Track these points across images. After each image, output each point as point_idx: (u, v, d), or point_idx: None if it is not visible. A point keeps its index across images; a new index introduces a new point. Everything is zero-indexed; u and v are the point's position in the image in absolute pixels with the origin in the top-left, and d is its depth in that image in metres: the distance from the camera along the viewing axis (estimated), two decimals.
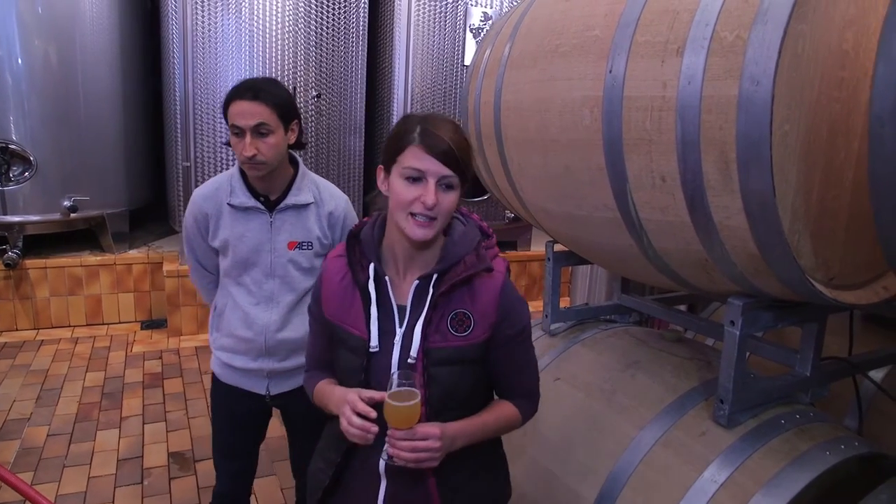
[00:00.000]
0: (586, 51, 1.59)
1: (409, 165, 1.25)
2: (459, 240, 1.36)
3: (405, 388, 1.22)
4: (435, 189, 1.24)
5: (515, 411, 1.43)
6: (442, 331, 1.31)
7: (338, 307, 1.40)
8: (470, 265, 1.32)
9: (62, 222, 4.79)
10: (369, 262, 1.36)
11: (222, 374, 2.07)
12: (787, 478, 1.50)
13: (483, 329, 1.33)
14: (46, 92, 4.54)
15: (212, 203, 1.94)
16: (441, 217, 1.27)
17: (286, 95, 1.87)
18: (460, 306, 1.33)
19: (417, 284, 1.33)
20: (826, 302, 1.46)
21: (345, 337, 1.38)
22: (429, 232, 1.27)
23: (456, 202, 1.29)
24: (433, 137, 1.24)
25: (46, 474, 3.04)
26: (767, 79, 1.22)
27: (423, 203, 1.23)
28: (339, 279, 1.40)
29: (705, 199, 1.40)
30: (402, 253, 1.35)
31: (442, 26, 5.22)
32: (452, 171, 1.25)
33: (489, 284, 1.34)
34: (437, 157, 1.24)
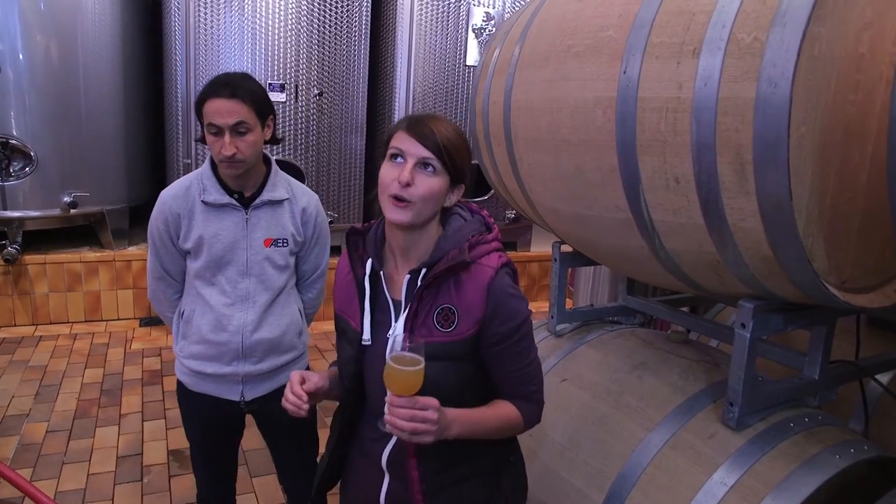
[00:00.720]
0: (600, 51, 1.58)
1: (393, 145, 1.28)
2: (453, 234, 1.34)
3: (409, 354, 1.18)
4: (412, 169, 1.24)
5: (516, 413, 1.38)
6: (428, 325, 1.31)
7: (343, 300, 1.44)
8: (451, 258, 1.30)
9: (62, 218, 4.78)
10: (368, 258, 1.38)
11: (191, 383, 2.00)
12: (797, 481, 1.50)
13: (468, 325, 1.30)
14: (47, 87, 4.52)
15: (183, 202, 1.88)
16: (419, 201, 1.25)
17: (262, 91, 1.84)
18: (446, 301, 1.31)
19: (409, 279, 1.33)
20: (839, 305, 1.46)
21: (345, 328, 1.42)
22: (405, 214, 1.25)
23: (437, 190, 1.27)
24: (418, 124, 1.27)
25: (46, 471, 3.03)
26: (785, 81, 1.22)
27: (398, 180, 1.24)
28: (345, 273, 1.44)
29: (720, 201, 1.39)
30: (396, 247, 1.36)
31: (444, 26, 5.21)
32: (433, 155, 1.25)
33: (476, 278, 1.31)
34: (418, 139, 1.25)
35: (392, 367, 1.18)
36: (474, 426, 1.31)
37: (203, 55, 4.65)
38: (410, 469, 1.35)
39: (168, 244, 1.91)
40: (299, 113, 4.92)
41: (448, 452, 1.32)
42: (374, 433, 1.38)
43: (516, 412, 1.38)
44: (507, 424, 1.38)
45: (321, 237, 2.06)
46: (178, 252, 1.93)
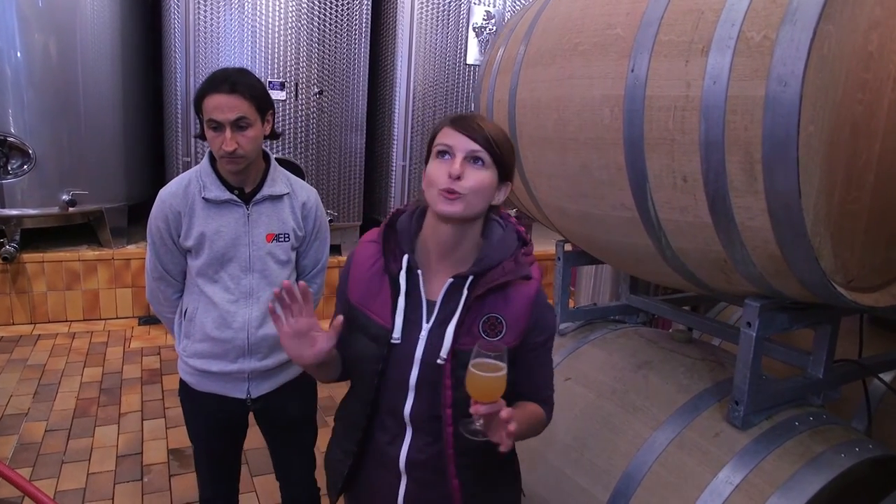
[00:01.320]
0: (607, 49, 1.58)
1: (440, 142, 1.27)
2: (498, 244, 1.33)
3: (491, 360, 1.16)
4: (462, 162, 1.23)
5: (543, 414, 1.41)
6: (473, 333, 1.29)
7: (364, 293, 1.37)
8: (508, 271, 1.30)
9: (60, 216, 4.75)
10: (404, 253, 1.34)
11: (196, 383, 1.98)
12: (802, 480, 1.50)
13: (514, 335, 1.31)
14: (46, 85, 4.49)
15: (183, 200, 1.86)
16: (470, 193, 1.23)
17: (261, 86, 1.83)
18: (493, 310, 1.31)
19: (451, 283, 1.31)
20: (845, 304, 1.46)
21: (366, 323, 1.35)
22: (455, 207, 1.23)
23: (486, 184, 1.25)
24: (464, 119, 1.27)
25: (45, 470, 3.01)
26: (796, 80, 1.22)
27: (449, 174, 1.22)
28: (369, 265, 1.38)
29: (728, 199, 1.39)
30: (435, 248, 1.33)
31: (445, 24, 5.21)
32: (482, 147, 1.24)
33: (524, 291, 1.32)
34: (465, 133, 1.24)
35: (475, 375, 1.16)
36: (523, 426, 1.30)
37: (203, 53, 4.63)
38: (451, 477, 1.33)
39: (168, 243, 1.90)
40: (299, 111, 4.91)
41: (483, 458, 1.32)
42: (385, 435, 1.36)
43: (543, 413, 1.41)
44: (537, 425, 1.41)
45: (321, 231, 2.05)
46: (178, 251, 1.91)
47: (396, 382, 1.32)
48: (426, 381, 1.30)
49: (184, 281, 1.99)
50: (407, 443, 1.34)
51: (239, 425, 2.09)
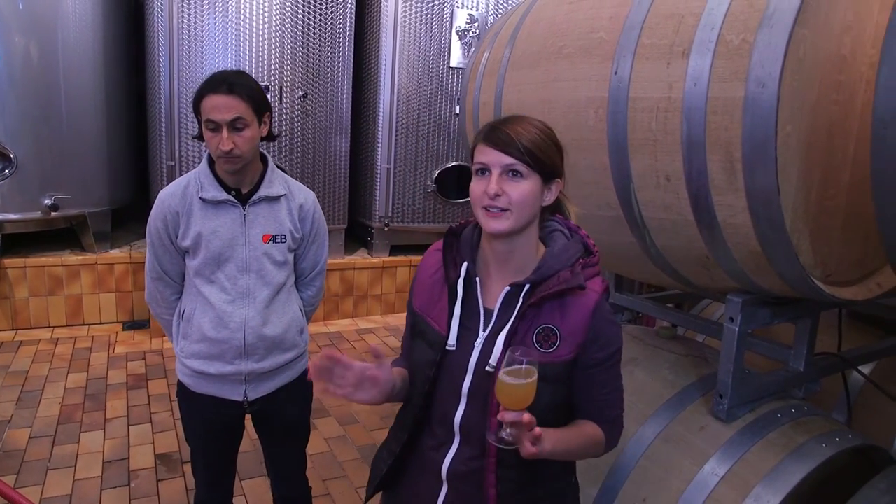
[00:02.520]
0: (591, 53, 1.62)
1: (476, 161, 1.27)
2: (559, 253, 1.31)
3: (522, 367, 1.15)
4: (498, 178, 1.22)
5: (601, 435, 1.34)
6: (526, 343, 1.27)
7: (426, 300, 1.39)
8: (563, 280, 1.27)
9: (42, 221, 4.71)
10: (463, 261, 1.34)
11: (194, 384, 1.99)
12: (785, 469, 1.54)
13: (569, 348, 1.28)
14: (27, 89, 4.45)
15: (181, 200, 1.89)
16: (515, 208, 1.23)
17: (258, 88, 1.85)
18: (549, 321, 1.28)
19: (508, 291, 1.30)
20: (824, 298, 1.51)
21: (425, 329, 1.37)
22: (502, 224, 1.23)
23: (530, 192, 1.24)
24: (496, 131, 1.25)
25: (30, 477, 2.99)
26: (773, 81, 1.26)
27: (486, 193, 1.22)
28: (432, 272, 1.40)
29: (709, 197, 1.43)
30: (492, 256, 1.33)
31: (428, 28, 5.24)
32: (515, 160, 1.22)
33: (582, 303, 1.29)
34: (498, 148, 1.23)
35: (504, 382, 1.15)
36: (565, 445, 1.28)
37: (186, 57, 4.62)
38: (488, 486, 1.31)
39: (167, 243, 1.92)
40: (284, 114, 4.91)
41: (526, 472, 1.30)
42: (432, 441, 1.37)
43: (601, 434, 1.35)
44: (592, 446, 1.35)
45: (319, 234, 2.06)
46: (176, 251, 1.93)
47: (450, 390, 1.32)
48: (479, 391, 1.29)
49: (181, 282, 2.00)
50: (453, 452, 1.34)
51: (235, 427, 2.09)
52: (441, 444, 1.35)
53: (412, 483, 1.43)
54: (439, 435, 1.36)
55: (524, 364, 1.15)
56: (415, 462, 1.41)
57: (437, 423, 1.36)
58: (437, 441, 1.36)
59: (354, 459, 3.26)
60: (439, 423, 1.36)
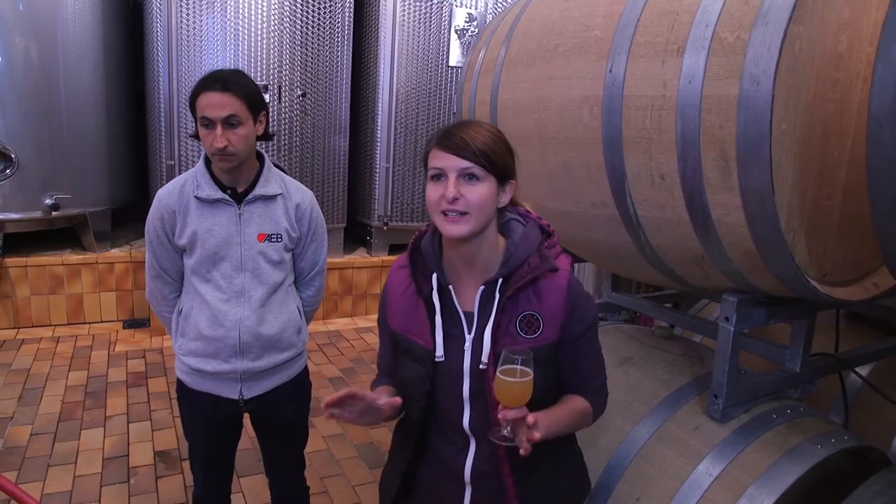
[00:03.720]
0: (586, 50, 1.61)
1: (431, 165, 1.27)
2: (520, 241, 1.34)
3: (518, 366, 1.18)
4: (455, 182, 1.23)
5: (588, 406, 1.40)
6: (511, 333, 1.30)
7: (403, 318, 1.39)
8: (534, 267, 1.30)
9: (43, 220, 4.72)
10: (432, 273, 1.35)
11: (191, 381, 2.00)
12: (780, 470, 1.53)
13: (552, 330, 1.31)
14: (28, 89, 4.46)
15: (177, 199, 1.90)
16: (474, 211, 1.24)
17: (254, 87, 1.85)
18: (527, 308, 1.31)
19: (483, 290, 1.31)
20: (819, 298, 1.50)
21: (410, 347, 1.37)
22: (462, 228, 1.24)
23: (487, 195, 1.25)
24: (450, 136, 1.26)
25: (31, 473, 3.00)
26: (768, 79, 1.26)
27: (444, 198, 1.23)
28: (402, 290, 1.40)
29: (704, 196, 1.43)
30: (458, 260, 1.34)
31: (427, 27, 5.23)
32: (471, 163, 1.23)
33: (555, 284, 1.32)
34: (453, 152, 1.23)
35: (502, 381, 1.17)
36: (557, 424, 1.31)
37: (185, 56, 4.62)
38: (505, 476, 1.34)
39: (164, 241, 1.92)
40: (282, 114, 4.91)
41: (536, 454, 1.28)
42: (451, 448, 1.38)
43: (588, 406, 1.40)
44: (581, 419, 1.40)
45: (317, 233, 2.06)
46: (174, 249, 1.94)
47: (450, 397, 1.34)
48: (480, 391, 1.31)
49: (180, 280, 2.01)
50: (472, 455, 1.36)
51: (232, 425, 2.10)
52: (460, 449, 1.37)
53: (434, 489, 1.44)
54: (456, 441, 1.38)
55: (519, 361, 1.17)
56: (432, 469, 1.43)
57: (451, 430, 1.38)
58: (456, 447, 1.38)
59: (352, 457, 3.27)
60: (452, 430, 1.38)
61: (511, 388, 1.18)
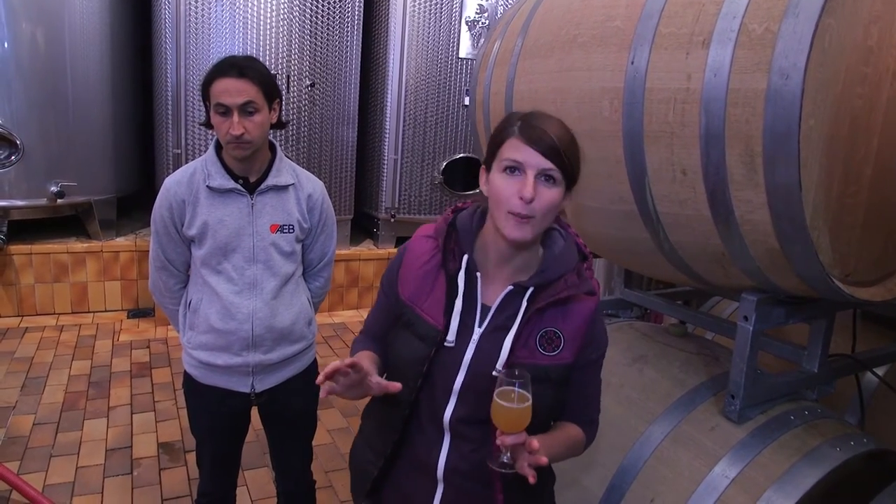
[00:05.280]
0: (607, 42, 1.58)
1: (508, 157, 1.18)
2: (560, 256, 1.28)
3: (517, 390, 1.12)
4: (534, 182, 1.16)
5: (583, 436, 1.35)
6: (529, 346, 1.25)
7: (416, 289, 1.31)
8: (571, 285, 1.25)
9: (48, 208, 4.69)
10: (464, 253, 1.28)
11: (201, 376, 1.97)
12: (798, 473, 1.50)
13: (571, 351, 1.27)
14: (34, 75, 4.43)
15: (187, 189, 1.85)
16: (540, 216, 1.18)
17: (269, 73, 1.82)
18: (551, 324, 1.26)
19: (511, 290, 1.26)
20: (842, 298, 1.47)
21: (414, 321, 1.30)
22: (526, 232, 1.18)
23: (557, 202, 1.19)
24: (534, 129, 1.18)
25: (33, 464, 2.98)
26: (797, 73, 1.22)
27: (520, 196, 1.15)
28: (424, 261, 1.32)
29: (727, 192, 1.39)
30: (494, 253, 1.28)
31: (437, 18, 5.18)
32: (554, 165, 1.16)
33: (583, 307, 1.28)
34: (537, 148, 1.16)
35: (500, 406, 1.12)
36: (556, 450, 1.27)
37: (193, 45, 4.58)
38: (497, 491, 1.28)
39: (172, 231, 1.88)
40: (291, 104, 4.87)
41: None
42: (424, 441, 1.31)
43: (583, 435, 1.36)
44: (576, 448, 1.36)
45: (327, 224, 2.03)
46: (181, 240, 1.90)
47: (440, 387, 1.28)
48: (470, 389, 1.25)
49: (186, 272, 1.97)
50: (445, 450, 1.29)
51: (242, 419, 2.08)
52: (433, 442, 1.30)
53: (405, 484, 1.36)
54: (430, 433, 1.30)
55: (517, 385, 1.12)
56: (406, 463, 1.36)
57: (427, 421, 1.31)
58: (429, 440, 1.30)
59: None
60: (429, 421, 1.30)
61: (509, 413, 1.12)
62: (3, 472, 2.65)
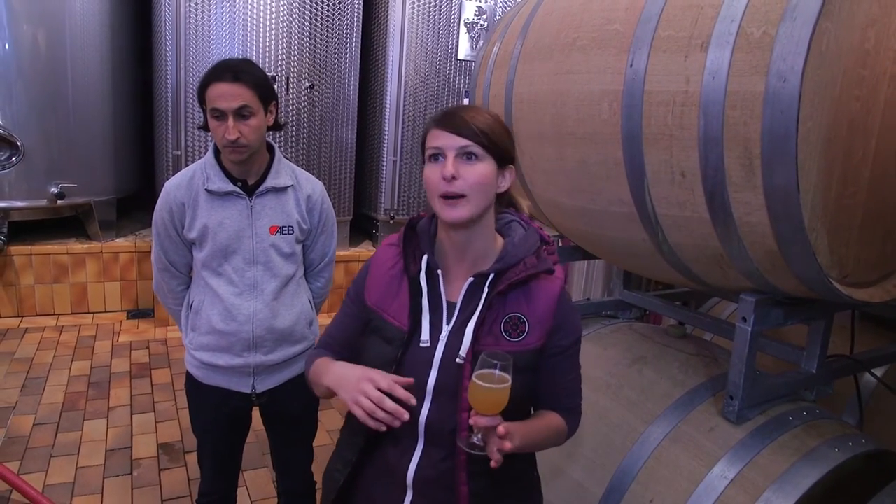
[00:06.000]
0: (606, 45, 1.58)
1: (429, 145, 1.24)
2: (520, 242, 1.30)
3: (497, 372, 1.12)
4: (454, 161, 1.20)
5: (564, 424, 1.35)
6: (495, 333, 1.25)
7: (382, 295, 1.34)
8: (530, 265, 1.26)
9: (48, 209, 4.70)
10: (423, 254, 1.31)
11: (202, 376, 1.98)
12: (797, 474, 1.51)
13: (538, 335, 1.27)
14: (35, 77, 4.44)
15: (186, 191, 1.87)
16: (473, 193, 1.20)
17: (264, 76, 1.82)
18: (515, 309, 1.26)
19: (472, 282, 1.27)
20: (840, 299, 1.47)
21: (382, 326, 1.31)
22: (460, 212, 1.20)
23: (487, 176, 1.22)
24: (447, 115, 1.23)
25: (33, 464, 2.99)
26: (795, 75, 1.23)
27: (443, 177, 1.19)
28: (388, 266, 1.35)
29: (726, 194, 1.40)
30: (450, 248, 1.30)
31: (436, 20, 5.19)
32: (470, 141, 1.20)
33: (547, 289, 1.28)
34: (451, 130, 1.21)
35: (479, 386, 1.12)
36: (531, 438, 1.26)
37: (193, 46, 4.59)
38: (460, 484, 1.26)
39: (172, 234, 1.90)
40: (290, 105, 4.88)
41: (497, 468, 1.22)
42: (395, 446, 1.30)
43: (563, 424, 1.35)
44: (555, 437, 1.35)
45: (327, 225, 2.04)
46: (182, 242, 1.91)
47: (413, 388, 1.23)
48: (445, 387, 1.25)
49: (188, 274, 1.99)
50: (417, 456, 1.28)
51: (243, 420, 2.09)
52: (405, 448, 1.29)
53: (373, 491, 1.36)
54: (402, 439, 1.29)
55: (497, 367, 1.12)
56: (375, 469, 1.35)
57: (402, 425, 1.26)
58: (401, 446, 1.29)
59: None
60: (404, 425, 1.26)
61: (486, 394, 1.12)
62: (3, 472, 2.66)
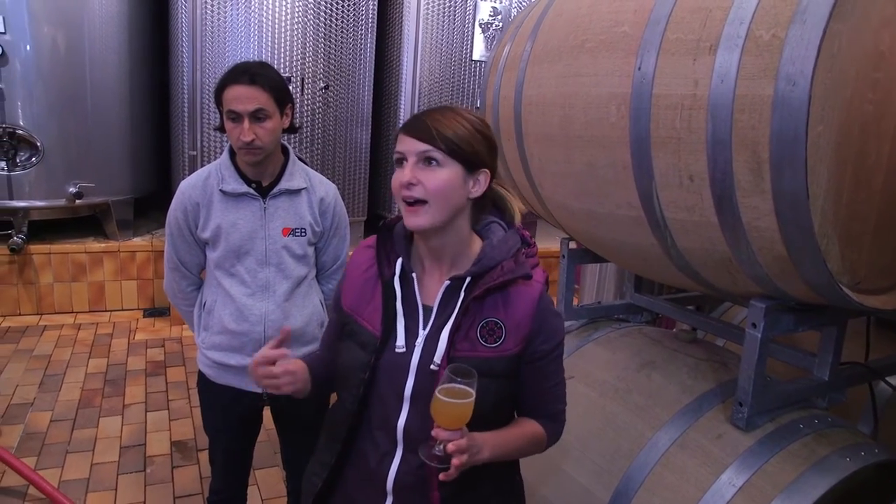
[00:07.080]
0: (614, 47, 1.57)
1: (395, 151, 1.22)
2: (498, 244, 1.26)
3: (459, 386, 1.10)
4: (413, 167, 1.17)
5: (542, 432, 1.33)
6: (471, 339, 1.22)
7: (356, 299, 1.32)
8: (507, 270, 1.22)
9: (67, 208, 4.77)
10: (398, 257, 1.28)
11: (214, 375, 2.00)
12: (806, 483, 1.48)
13: (515, 342, 1.24)
14: (54, 78, 4.51)
15: (201, 192, 1.89)
16: (433, 199, 1.17)
17: (280, 79, 1.84)
18: (492, 314, 1.23)
19: (448, 286, 1.24)
20: (852, 306, 1.45)
21: (356, 330, 1.30)
22: (420, 219, 1.18)
23: (449, 182, 1.18)
24: (412, 120, 1.21)
25: (50, 459, 3.03)
26: (805, 79, 1.21)
27: (400, 182, 1.17)
28: (362, 270, 1.33)
29: (734, 199, 1.38)
30: (424, 252, 1.28)
31: (451, 20, 5.19)
32: (430, 146, 1.16)
33: (525, 294, 1.25)
34: (412, 135, 1.18)
35: (440, 400, 1.10)
36: (505, 448, 1.25)
37: (209, 47, 4.63)
38: (432, 489, 1.23)
39: (186, 234, 1.92)
40: (305, 106, 4.91)
41: (471, 473, 1.21)
42: (375, 452, 1.28)
43: (542, 431, 1.33)
44: (533, 445, 1.33)
45: (340, 227, 2.05)
46: (195, 242, 1.93)
47: (390, 393, 1.25)
48: (423, 392, 1.21)
49: (198, 275, 2.01)
50: (397, 462, 1.26)
51: (254, 419, 2.11)
52: (384, 454, 1.27)
53: (353, 496, 1.34)
54: (381, 444, 1.27)
55: (461, 382, 1.10)
56: (355, 474, 1.33)
57: (378, 430, 1.28)
58: (380, 452, 1.27)
59: None
60: (381, 430, 1.27)
61: (448, 408, 1.10)
62: (20, 468, 2.70)
